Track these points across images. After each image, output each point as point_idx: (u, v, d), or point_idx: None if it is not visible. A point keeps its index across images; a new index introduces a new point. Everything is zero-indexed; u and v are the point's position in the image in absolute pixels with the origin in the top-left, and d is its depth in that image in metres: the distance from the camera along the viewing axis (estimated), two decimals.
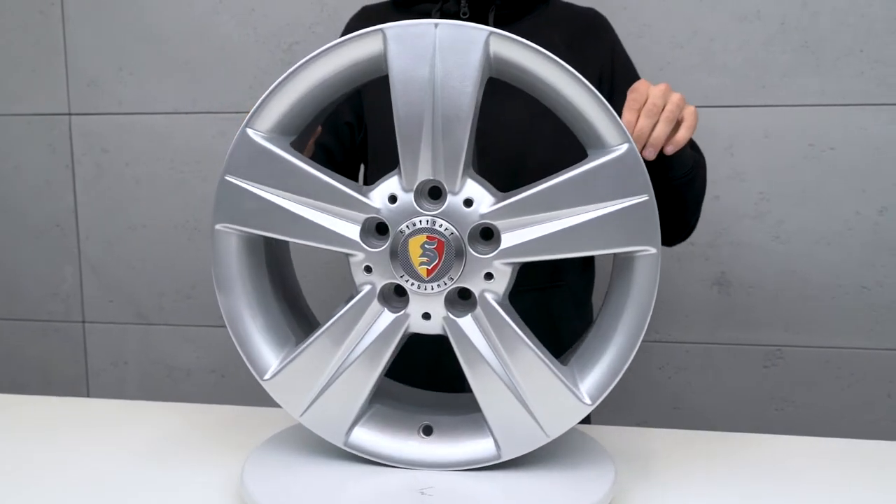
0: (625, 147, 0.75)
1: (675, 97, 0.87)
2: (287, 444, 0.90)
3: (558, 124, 1.16)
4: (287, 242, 0.90)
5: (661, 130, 0.84)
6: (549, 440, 0.80)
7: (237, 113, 1.77)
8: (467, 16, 1.13)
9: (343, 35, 1.25)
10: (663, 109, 0.85)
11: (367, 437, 0.84)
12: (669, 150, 0.87)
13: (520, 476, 0.82)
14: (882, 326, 1.63)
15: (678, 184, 0.98)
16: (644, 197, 0.75)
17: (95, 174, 1.86)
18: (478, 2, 1.13)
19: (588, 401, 0.79)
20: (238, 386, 1.88)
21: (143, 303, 1.89)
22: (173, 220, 1.84)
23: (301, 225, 0.80)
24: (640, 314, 0.78)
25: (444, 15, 1.13)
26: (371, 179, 1.20)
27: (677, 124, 0.88)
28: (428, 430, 0.85)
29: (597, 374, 0.80)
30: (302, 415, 0.84)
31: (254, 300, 0.85)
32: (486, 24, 1.00)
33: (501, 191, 0.80)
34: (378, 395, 0.88)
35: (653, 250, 0.76)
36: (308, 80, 0.80)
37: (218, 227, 0.83)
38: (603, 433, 1.00)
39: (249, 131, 0.81)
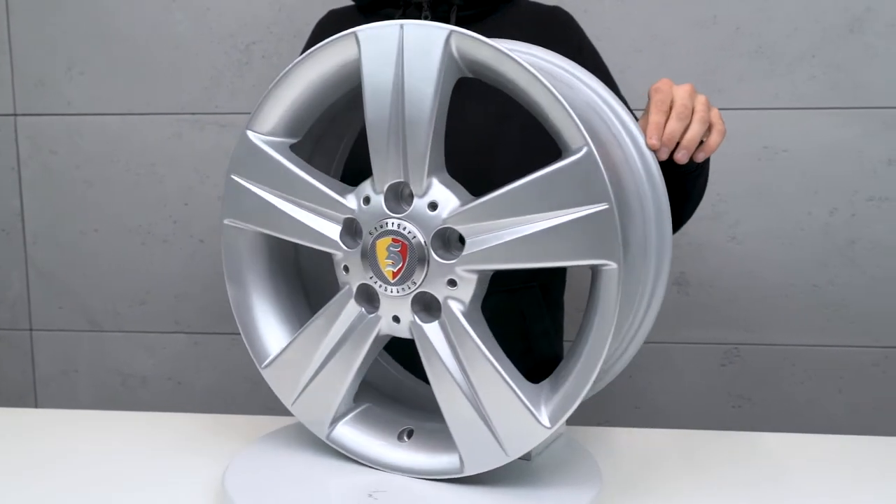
0: (583, 150, 0.69)
1: (702, 98, 0.83)
2: (272, 445, 0.91)
3: (526, 125, 1.16)
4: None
5: (696, 132, 0.81)
6: (509, 460, 0.77)
7: (193, 114, 1.73)
8: (429, 18, 1.13)
9: (311, 38, 1.24)
10: (692, 111, 0.82)
11: (349, 435, 0.85)
12: (700, 156, 0.83)
13: (493, 490, 0.79)
14: (832, 324, 1.68)
15: (687, 178, 0.96)
16: (603, 206, 0.68)
17: (43, 177, 1.79)
18: (439, 5, 1.13)
19: (547, 423, 0.74)
20: (196, 393, 1.84)
21: (95, 309, 1.83)
22: (127, 224, 1.79)
23: (290, 223, 0.82)
24: (601, 336, 0.72)
25: (407, 18, 1.12)
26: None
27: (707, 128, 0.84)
28: (409, 434, 0.84)
29: (560, 397, 0.75)
30: (292, 404, 0.87)
31: (262, 291, 0.88)
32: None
33: (472, 194, 0.78)
34: (378, 394, 0.89)
35: (613, 265, 0.69)
36: (297, 84, 0.81)
37: (226, 221, 0.87)
38: (587, 434, 1.00)
39: (249, 133, 0.84)
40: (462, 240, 0.76)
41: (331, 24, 1.22)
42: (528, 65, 0.70)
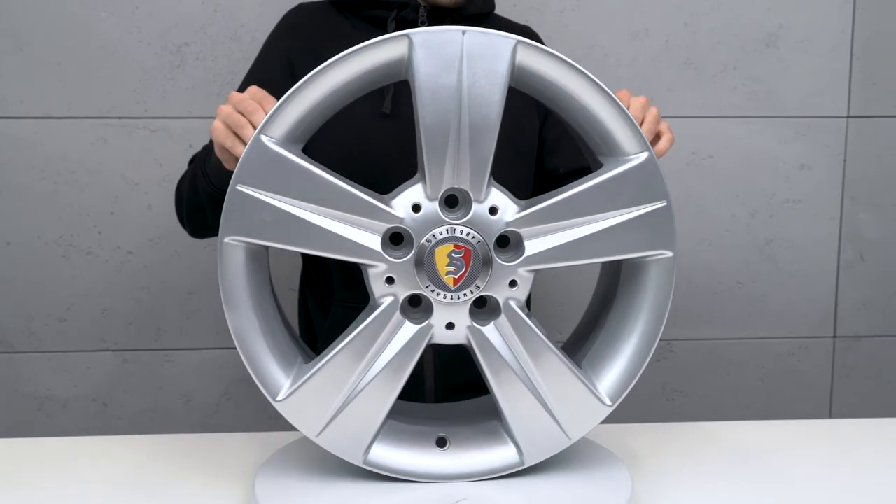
0: (645, 155, 0.81)
1: (654, 110, 0.94)
2: (295, 463, 0.88)
3: (502, 135, 1.18)
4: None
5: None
6: (570, 443, 0.83)
7: (120, 118, 1.63)
8: (426, 25, 1.13)
9: (280, 31, 1.20)
10: (643, 121, 0.91)
11: (386, 454, 0.83)
12: None
13: (540, 481, 0.83)
14: (754, 318, 1.80)
15: None
16: (662, 203, 0.82)
17: None
18: (437, 13, 1.13)
19: (609, 402, 0.83)
20: (125, 415, 1.73)
21: (8, 328, 1.68)
22: (44, 236, 1.66)
23: (319, 236, 0.77)
24: (657, 316, 0.84)
25: (402, 23, 1.11)
26: None
27: (657, 136, 0.95)
28: (442, 442, 0.83)
29: (614, 376, 0.83)
30: (318, 435, 0.81)
31: (261, 317, 0.81)
32: None
33: None
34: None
35: (669, 254, 0.83)
36: (324, 86, 0.78)
37: (227, 240, 0.77)
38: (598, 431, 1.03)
39: (264, 138, 0.77)
40: (504, 242, 0.79)
41: (306, 20, 1.19)
42: (592, 76, 0.78)
